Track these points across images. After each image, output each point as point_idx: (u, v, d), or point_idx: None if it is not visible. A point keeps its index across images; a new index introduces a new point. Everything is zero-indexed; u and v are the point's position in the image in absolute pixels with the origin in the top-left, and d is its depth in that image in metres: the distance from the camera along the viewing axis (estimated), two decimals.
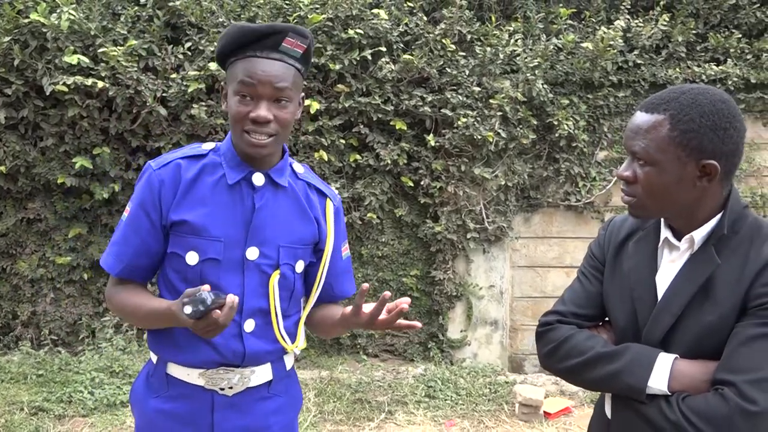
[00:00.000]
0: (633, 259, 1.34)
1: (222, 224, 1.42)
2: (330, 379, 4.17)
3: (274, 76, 1.34)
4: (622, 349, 1.25)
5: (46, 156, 4.26)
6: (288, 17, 4.25)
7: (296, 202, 1.50)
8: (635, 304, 1.30)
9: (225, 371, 1.44)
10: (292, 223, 1.48)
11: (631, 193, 1.26)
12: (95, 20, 4.10)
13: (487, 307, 4.69)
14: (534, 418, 3.82)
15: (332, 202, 1.56)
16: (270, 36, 1.36)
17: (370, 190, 4.47)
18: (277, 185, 1.47)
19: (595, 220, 4.76)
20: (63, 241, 4.42)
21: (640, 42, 4.55)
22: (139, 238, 1.43)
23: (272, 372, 1.50)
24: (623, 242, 1.38)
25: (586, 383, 1.31)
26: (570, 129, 4.47)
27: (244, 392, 1.46)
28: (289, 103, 1.38)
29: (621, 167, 1.28)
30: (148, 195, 1.43)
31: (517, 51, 4.49)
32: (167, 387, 1.47)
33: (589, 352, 1.28)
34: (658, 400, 1.19)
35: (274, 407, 1.51)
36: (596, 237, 1.48)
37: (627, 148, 1.26)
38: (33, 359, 4.16)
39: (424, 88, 4.45)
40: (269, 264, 1.45)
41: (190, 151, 1.47)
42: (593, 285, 1.41)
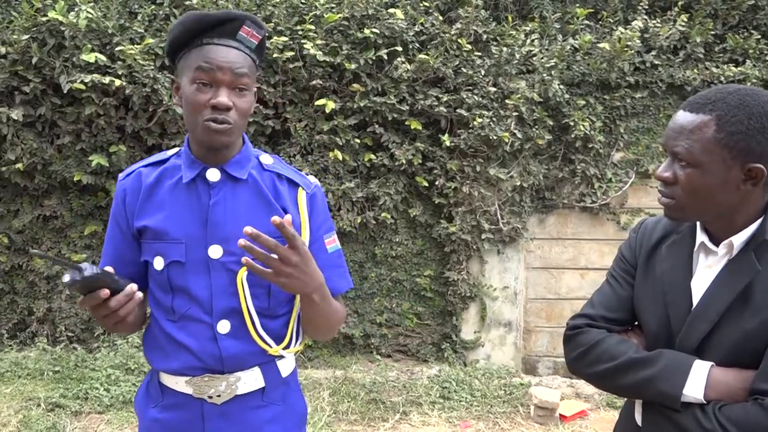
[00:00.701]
0: (667, 263, 1.31)
1: (181, 225, 1.39)
2: (344, 379, 4.17)
3: (233, 62, 1.31)
4: (656, 355, 1.23)
5: (62, 154, 4.28)
6: (304, 16, 4.25)
7: (259, 195, 1.42)
8: (668, 309, 1.27)
9: (210, 378, 1.40)
10: (255, 217, 1.39)
11: (669, 195, 1.22)
12: (113, 18, 4.12)
13: (500, 308, 4.67)
14: (549, 421, 3.81)
15: (305, 190, 1.46)
16: (227, 23, 1.33)
17: (384, 190, 4.46)
18: (235, 179, 1.41)
19: (610, 221, 4.73)
20: (78, 238, 4.44)
21: (657, 42, 4.52)
22: (114, 248, 1.47)
23: (263, 378, 1.43)
24: (656, 245, 1.35)
25: (617, 389, 1.29)
26: (586, 130, 4.44)
27: (234, 401, 1.41)
28: (247, 91, 1.35)
29: (660, 167, 1.24)
30: (117, 205, 1.46)
31: (533, 51, 4.46)
32: (162, 396, 1.45)
33: (621, 357, 1.25)
34: (693, 408, 1.16)
35: (268, 416, 1.44)
36: (627, 239, 1.44)
37: (668, 149, 1.22)
38: (49, 355, 4.18)
39: (440, 88, 4.44)
40: (235, 261, 1.38)
41: (153, 158, 1.48)
42: (624, 288, 1.38)
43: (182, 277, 1.39)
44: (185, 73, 1.35)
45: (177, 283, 1.39)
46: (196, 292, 1.38)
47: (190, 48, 1.34)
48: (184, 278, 1.39)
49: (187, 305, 1.39)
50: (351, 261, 4.58)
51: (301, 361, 4.57)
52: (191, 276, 1.38)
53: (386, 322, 4.66)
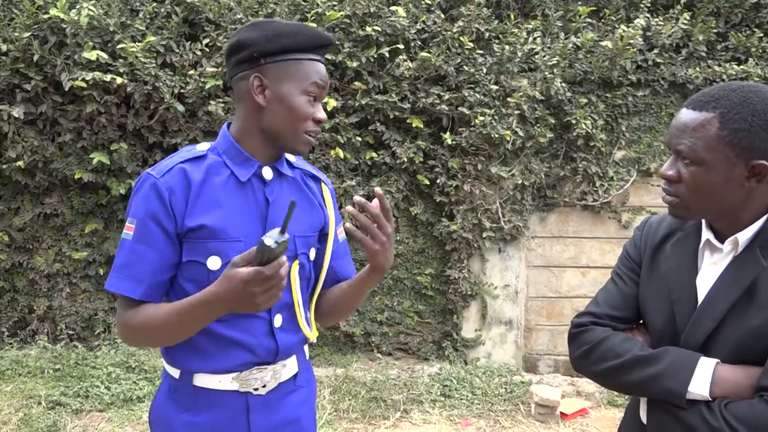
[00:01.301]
0: (672, 260, 1.30)
1: (240, 224, 1.39)
2: (345, 377, 4.16)
3: (325, 78, 1.41)
4: (661, 352, 1.23)
5: (63, 151, 4.28)
6: (306, 14, 4.24)
7: (300, 191, 1.51)
8: (674, 306, 1.27)
9: (258, 370, 1.42)
10: (302, 212, 1.49)
11: (673, 193, 1.22)
12: (114, 16, 4.11)
13: (501, 306, 4.67)
14: (550, 419, 3.80)
15: (326, 185, 1.59)
16: (327, 46, 1.43)
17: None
18: (282, 176, 1.48)
19: (612, 220, 4.72)
20: (79, 236, 4.43)
21: (659, 41, 4.51)
22: (155, 251, 1.35)
23: (297, 364, 1.52)
24: (661, 243, 1.35)
25: (622, 387, 1.29)
26: (588, 128, 4.44)
27: (275, 389, 1.46)
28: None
29: (664, 166, 1.24)
30: (158, 204, 1.34)
31: (535, 49, 4.46)
32: (196, 399, 1.42)
33: (626, 355, 1.25)
34: (699, 405, 1.16)
35: (300, 399, 1.53)
36: (631, 237, 1.44)
37: (671, 147, 1.21)
38: (50, 353, 4.18)
39: (441, 86, 4.43)
40: (288, 256, 1.39)
41: (188, 154, 1.41)
42: (629, 286, 1.37)
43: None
44: (291, 81, 1.36)
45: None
46: None
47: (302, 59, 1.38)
48: None
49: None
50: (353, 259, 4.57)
51: None
52: None
53: (387, 321, 4.66)
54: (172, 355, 1.43)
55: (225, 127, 1.47)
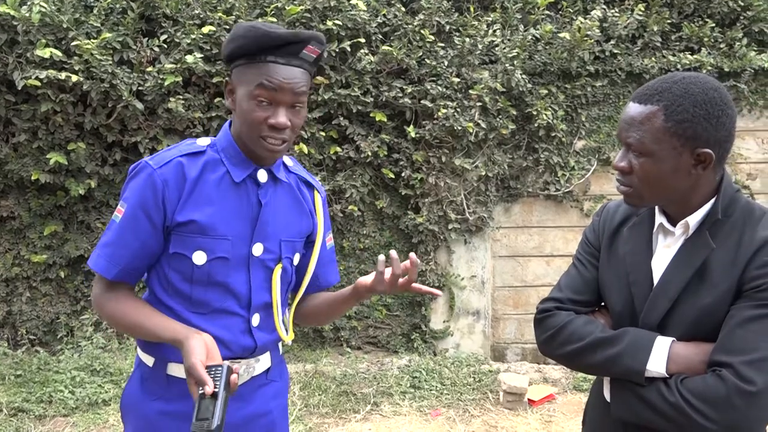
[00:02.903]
0: (628, 244, 1.36)
1: (229, 222, 1.41)
2: (314, 373, 4.16)
3: (295, 83, 1.34)
4: (621, 333, 1.27)
5: (18, 152, 4.16)
6: (265, 9, 4.20)
7: (293, 196, 1.54)
8: (632, 288, 1.32)
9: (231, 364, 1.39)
10: (291, 217, 1.52)
11: (627, 183, 1.28)
12: (67, 13, 4.00)
13: (469, 297, 4.72)
14: (518, 406, 3.87)
15: (319, 193, 1.61)
16: (294, 44, 1.34)
17: (351, 183, 4.45)
18: (277, 180, 1.50)
19: (574, 209, 4.81)
20: (38, 238, 4.32)
21: (616, 32, 4.60)
22: (138, 240, 1.38)
23: (271, 359, 1.55)
24: (618, 228, 1.40)
25: (586, 368, 1.33)
26: (549, 119, 4.51)
27: (247, 382, 1.49)
28: (302, 108, 1.39)
29: (616, 158, 1.29)
30: (150, 195, 1.37)
31: (495, 41, 4.50)
32: (168, 387, 1.44)
33: (588, 338, 1.30)
34: (657, 382, 1.21)
35: (272, 392, 1.55)
36: (590, 223, 1.49)
37: (621, 140, 1.27)
38: (10, 359, 4.07)
39: (404, 79, 4.44)
40: (272, 258, 1.47)
41: (187, 149, 1.43)
42: (589, 271, 1.42)
43: (224, 272, 1.41)
44: (244, 85, 1.35)
45: (217, 278, 1.40)
46: (236, 287, 1.42)
47: (252, 61, 1.34)
48: (226, 274, 1.41)
49: (222, 299, 1.42)
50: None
51: None
52: (232, 272, 1.42)
53: (356, 315, 4.67)
54: (147, 343, 1.45)
55: (227, 125, 1.49)
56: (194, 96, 4.16)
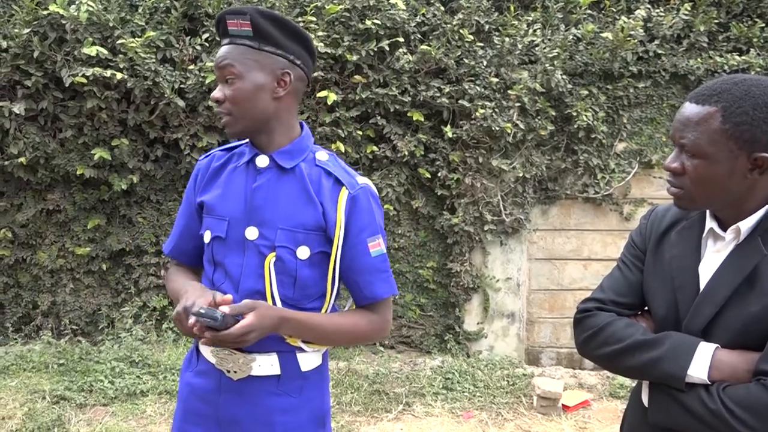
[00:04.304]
0: (676, 248, 1.32)
1: (228, 204, 1.49)
2: (347, 370, 4.17)
3: (219, 59, 1.42)
4: (662, 336, 1.24)
5: (65, 147, 4.29)
6: (305, 8, 4.23)
7: (301, 186, 1.46)
8: (677, 293, 1.28)
9: (230, 353, 1.44)
10: (293, 207, 1.45)
11: (678, 185, 1.24)
12: (113, 12, 4.11)
13: (503, 299, 4.67)
14: (552, 411, 3.81)
15: (348, 190, 1.45)
16: (219, 24, 1.45)
17: (386, 182, 4.46)
18: (282, 168, 1.48)
19: (613, 212, 4.72)
20: (82, 231, 4.45)
21: (661, 32, 4.49)
22: (183, 220, 1.61)
23: (280, 366, 1.45)
24: (666, 232, 1.37)
25: (624, 370, 1.31)
26: (589, 120, 4.43)
27: (249, 381, 1.45)
28: (235, 79, 1.40)
29: (668, 159, 1.25)
30: (192, 183, 1.60)
31: (535, 41, 4.45)
32: (197, 362, 1.55)
33: (628, 339, 1.27)
34: (698, 389, 1.18)
35: (282, 406, 1.46)
36: (638, 226, 1.47)
37: (675, 140, 1.23)
38: (54, 349, 4.20)
39: (442, 79, 4.42)
40: (266, 245, 1.44)
41: (230, 144, 1.60)
42: (633, 274, 1.39)
43: (222, 252, 1.49)
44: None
45: (217, 258, 1.50)
46: (231, 269, 1.47)
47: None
48: (223, 254, 1.48)
49: (222, 280, 1.49)
50: None
51: None
52: (229, 253, 1.48)
53: None
54: None
55: None
56: None
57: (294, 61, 1.45)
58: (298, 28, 1.46)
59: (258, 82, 1.40)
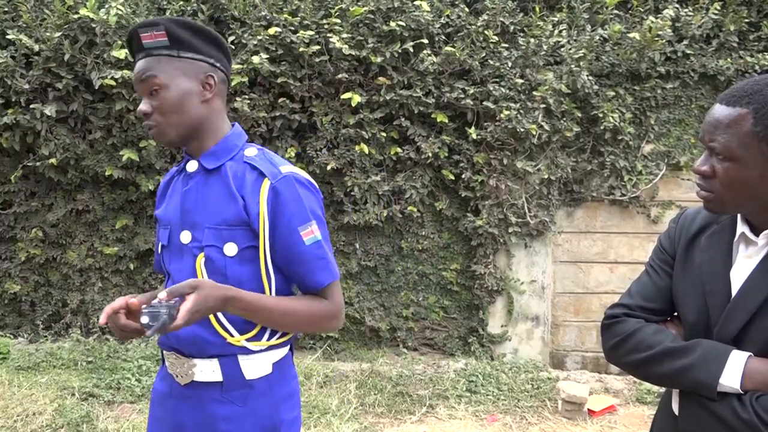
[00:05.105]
0: (706, 253, 1.29)
1: (168, 213, 1.54)
2: (371, 372, 4.18)
3: (139, 73, 1.43)
4: (693, 344, 1.22)
5: (94, 149, 4.36)
6: (330, 10, 4.25)
7: (225, 184, 1.45)
8: (707, 299, 1.25)
9: (177, 358, 1.47)
10: (218, 205, 1.44)
11: (708, 188, 1.21)
12: (142, 15, 4.17)
13: (528, 302, 4.64)
14: (578, 416, 3.77)
15: (270, 180, 1.42)
16: (132, 40, 1.45)
17: (410, 183, 4.46)
18: (208, 170, 1.48)
19: (641, 215, 4.66)
20: (110, 231, 4.52)
21: (689, 31, 4.42)
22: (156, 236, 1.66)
23: (222, 373, 1.43)
24: (695, 236, 1.33)
25: (653, 378, 1.28)
26: (615, 121, 4.38)
27: (195, 387, 1.45)
28: (160, 90, 1.41)
29: (697, 161, 1.22)
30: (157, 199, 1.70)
31: (561, 42, 4.41)
32: (162, 367, 1.57)
33: (657, 347, 1.24)
34: (730, 398, 1.15)
35: (225, 414, 1.43)
36: (666, 230, 1.43)
37: (705, 142, 1.20)
38: (83, 346, 4.27)
39: (466, 80, 4.41)
40: (197, 246, 1.45)
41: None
42: (662, 278, 1.36)
43: (168, 259, 1.53)
44: None
45: (166, 266, 1.55)
46: (174, 275, 1.50)
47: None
48: (169, 261, 1.53)
49: (169, 284, 1.54)
50: (377, 254, 4.59)
51: (328, 354, 4.60)
52: (172, 259, 1.51)
53: (412, 316, 4.66)
54: None
55: None
56: (259, 96, 4.26)
57: (214, 65, 1.47)
58: (213, 33, 1.48)
59: (184, 88, 1.42)
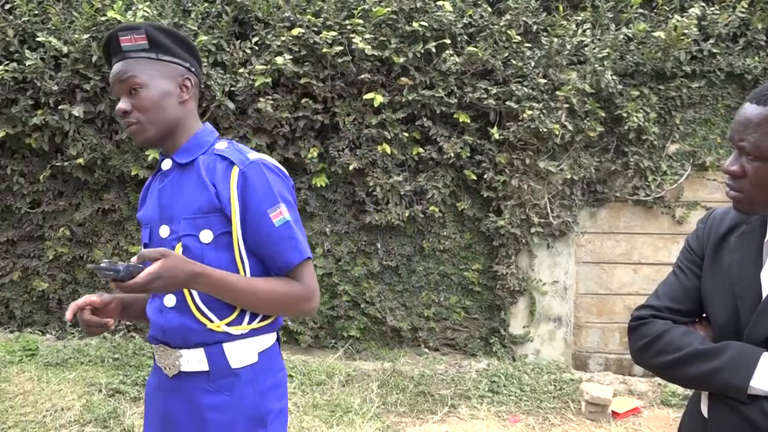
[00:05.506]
0: (736, 253, 1.28)
1: (148, 212, 1.58)
2: (392, 371, 4.19)
3: (118, 74, 1.48)
4: (723, 346, 1.21)
5: (120, 149, 4.43)
6: (352, 11, 4.27)
7: (197, 175, 1.50)
8: (737, 300, 1.24)
9: (164, 350, 1.51)
10: (192, 196, 1.49)
11: (737, 188, 1.21)
12: (167, 17, 4.23)
13: (550, 303, 4.61)
14: (601, 417, 3.74)
15: (238, 167, 1.46)
16: (110, 43, 1.50)
17: (432, 184, 4.46)
18: (181, 165, 1.54)
19: (665, 215, 4.61)
20: (135, 230, 4.59)
21: (716, 30, 4.37)
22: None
23: (208, 362, 1.46)
24: (725, 236, 1.32)
25: (682, 380, 1.27)
26: (640, 121, 4.34)
27: (182, 378, 1.49)
28: (141, 89, 1.46)
29: (727, 161, 1.22)
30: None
31: (585, 41, 4.38)
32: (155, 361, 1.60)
33: (686, 349, 1.24)
34: (761, 401, 1.14)
35: (212, 403, 1.46)
36: (694, 230, 1.42)
37: (733, 142, 1.19)
38: (109, 343, 4.34)
39: (488, 80, 4.40)
40: (175, 238, 1.49)
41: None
42: (690, 279, 1.35)
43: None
44: None
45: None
46: None
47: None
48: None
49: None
50: (399, 254, 4.59)
51: (350, 353, 4.62)
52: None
53: (434, 316, 4.66)
54: None
55: None
56: (282, 96, 4.29)
57: (190, 68, 1.54)
58: (187, 39, 1.56)
59: (163, 89, 1.48)
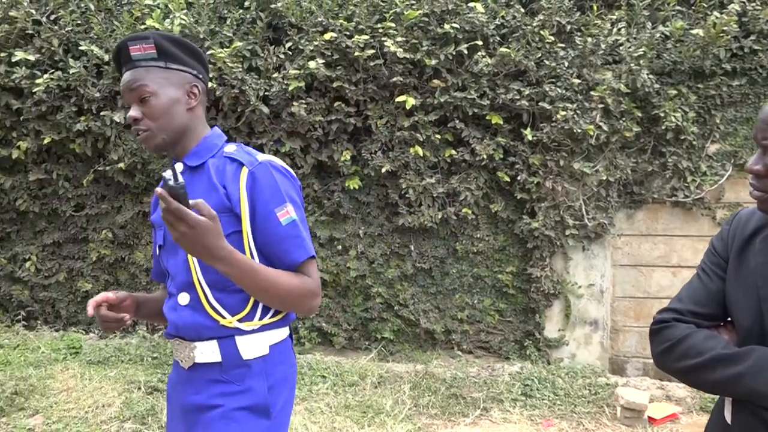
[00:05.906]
0: (761, 255, 1.24)
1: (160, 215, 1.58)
2: (425, 373, 4.19)
3: (128, 83, 1.52)
4: (746, 351, 1.17)
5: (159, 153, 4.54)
6: (384, 14, 4.30)
7: (207, 177, 1.54)
8: (762, 304, 1.20)
9: (179, 343, 1.56)
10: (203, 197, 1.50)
11: (761, 188, 1.18)
12: (204, 24, 4.33)
13: (586, 306, 4.54)
14: (637, 423, 3.67)
15: (248, 167, 1.51)
16: (120, 53, 1.54)
17: (465, 186, 4.45)
18: (192, 168, 1.58)
19: (705, 217, 4.49)
20: None
21: (757, 26, 4.24)
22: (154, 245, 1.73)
23: (220, 353, 1.51)
24: (750, 238, 1.28)
25: (704, 385, 1.24)
26: (678, 121, 4.24)
27: (197, 369, 1.53)
28: (150, 97, 1.51)
29: (750, 160, 1.19)
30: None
31: (620, 40, 4.31)
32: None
33: (708, 353, 1.21)
34: None
35: (224, 391, 1.51)
36: (719, 232, 1.38)
37: (757, 141, 1.17)
38: (149, 343, 4.46)
39: (521, 81, 4.37)
40: None
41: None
42: (714, 282, 1.32)
43: (165, 258, 1.62)
44: None
45: (164, 265, 1.63)
46: (171, 269, 1.59)
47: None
48: (166, 259, 1.61)
49: (169, 282, 1.62)
50: (432, 257, 4.60)
51: (383, 355, 4.64)
52: (169, 257, 1.60)
53: (467, 318, 4.65)
54: None
55: None
56: (315, 100, 4.34)
57: (197, 76, 1.59)
58: (195, 47, 1.60)
59: (172, 96, 1.53)
